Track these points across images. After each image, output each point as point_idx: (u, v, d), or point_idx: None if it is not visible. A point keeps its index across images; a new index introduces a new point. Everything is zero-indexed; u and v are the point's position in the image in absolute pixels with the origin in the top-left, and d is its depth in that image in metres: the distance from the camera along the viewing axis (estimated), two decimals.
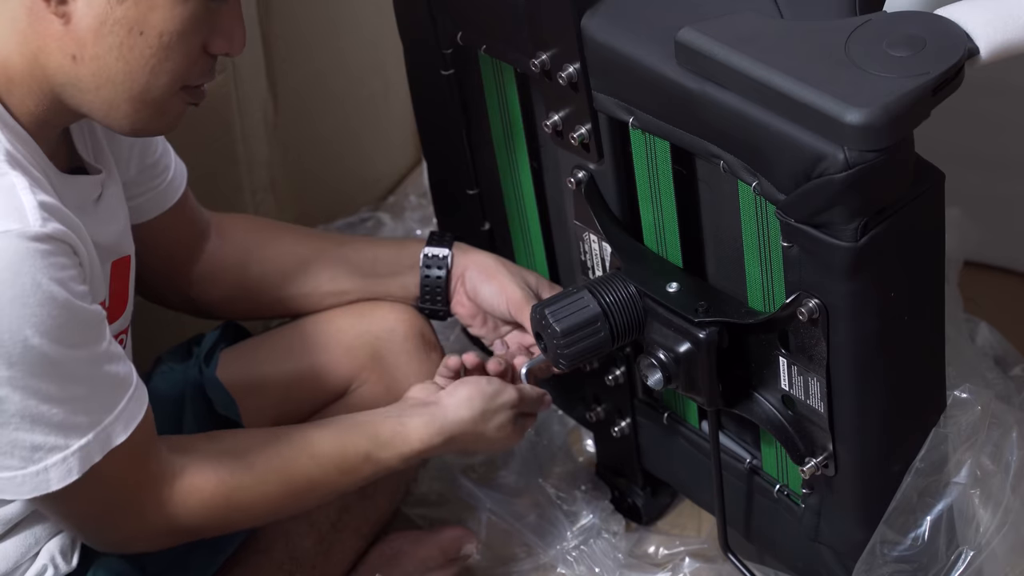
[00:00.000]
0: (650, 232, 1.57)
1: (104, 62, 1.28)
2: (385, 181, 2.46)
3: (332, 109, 2.30)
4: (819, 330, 1.39)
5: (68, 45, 1.28)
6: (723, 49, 1.33)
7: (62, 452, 1.29)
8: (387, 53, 1.98)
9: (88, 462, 1.31)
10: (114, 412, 1.32)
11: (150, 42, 1.28)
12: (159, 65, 1.30)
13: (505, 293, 1.67)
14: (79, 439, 1.30)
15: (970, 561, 1.44)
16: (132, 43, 1.28)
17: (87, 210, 1.40)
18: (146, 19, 1.27)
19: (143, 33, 1.28)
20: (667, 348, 1.50)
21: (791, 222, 1.35)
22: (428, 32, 1.67)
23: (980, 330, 1.88)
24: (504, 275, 1.68)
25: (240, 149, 2.07)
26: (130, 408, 1.34)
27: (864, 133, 1.25)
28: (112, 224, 1.45)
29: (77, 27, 1.27)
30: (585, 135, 1.52)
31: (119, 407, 1.33)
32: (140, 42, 1.28)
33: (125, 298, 1.49)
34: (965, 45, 1.29)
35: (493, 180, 1.76)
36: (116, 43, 1.27)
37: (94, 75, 1.29)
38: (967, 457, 1.46)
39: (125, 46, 1.28)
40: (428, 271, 1.70)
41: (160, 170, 1.60)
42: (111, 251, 1.44)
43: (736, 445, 1.64)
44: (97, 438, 1.31)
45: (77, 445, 1.30)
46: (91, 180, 1.42)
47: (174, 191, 1.62)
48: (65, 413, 1.29)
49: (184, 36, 1.29)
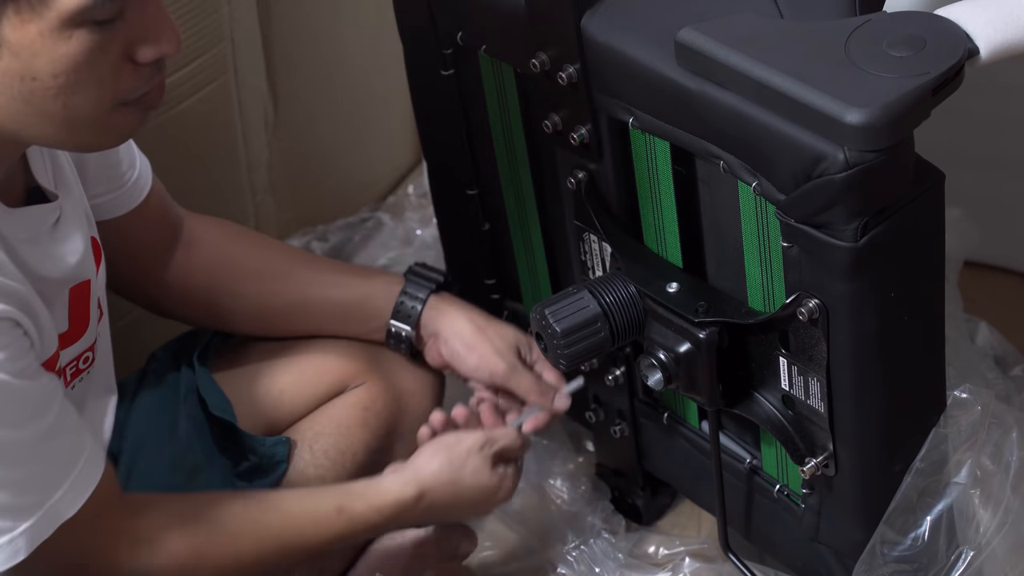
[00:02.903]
0: (650, 232, 1.57)
1: (12, 108, 1.22)
2: (385, 181, 2.46)
3: (332, 109, 2.30)
4: (819, 330, 1.39)
5: None
6: (723, 49, 1.33)
7: (9, 534, 1.27)
8: (387, 53, 1.97)
9: (36, 540, 1.29)
10: (62, 488, 1.30)
11: (47, 84, 1.19)
12: (71, 99, 1.21)
13: (488, 367, 1.66)
14: (26, 520, 1.28)
15: (970, 561, 1.44)
16: (31, 89, 1.19)
17: (41, 240, 1.36)
18: (32, 66, 1.18)
19: (35, 79, 1.19)
20: (667, 348, 1.50)
21: (791, 222, 1.35)
22: (428, 32, 1.67)
23: (980, 330, 1.88)
24: (484, 346, 1.66)
25: (240, 150, 2.07)
26: (82, 477, 1.31)
27: (864, 133, 1.25)
28: (69, 247, 1.40)
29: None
30: (585, 135, 1.52)
31: (67, 482, 1.30)
32: (38, 87, 1.19)
33: (86, 319, 1.45)
34: (965, 45, 1.30)
35: (493, 180, 1.76)
36: (15, 92, 1.20)
37: (11, 120, 1.23)
38: (967, 457, 1.46)
39: (26, 91, 1.20)
40: (395, 323, 1.69)
41: (124, 169, 1.55)
42: (68, 279, 1.40)
43: (736, 445, 1.64)
44: (45, 516, 1.29)
45: (24, 527, 1.28)
46: (46, 208, 1.37)
47: (139, 191, 1.57)
48: (9, 496, 1.26)
49: (84, 69, 1.19)
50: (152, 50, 1.23)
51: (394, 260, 2.27)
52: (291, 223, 2.25)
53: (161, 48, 1.23)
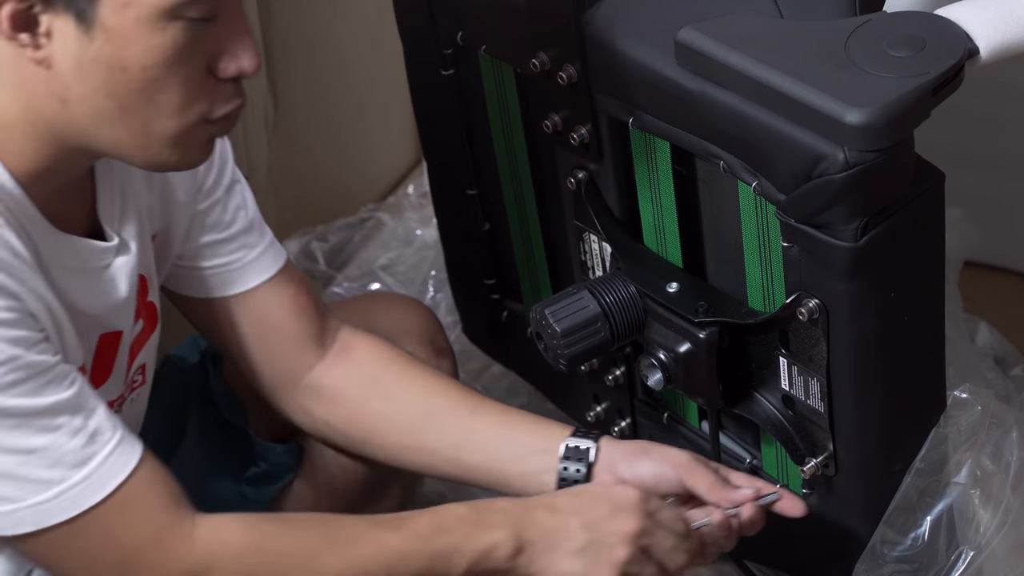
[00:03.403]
0: (650, 232, 1.57)
1: (93, 102, 1.22)
2: (385, 181, 2.46)
3: (332, 109, 2.30)
4: (819, 330, 1.39)
5: (55, 89, 1.22)
6: (723, 49, 1.33)
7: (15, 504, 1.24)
8: (387, 53, 1.97)
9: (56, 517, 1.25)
10: (88, 467, 1.26)
11: (134, 77, 1.20)
12: (152, 99, 1.22)
13: (669, 460, 1.45)
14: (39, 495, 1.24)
15: (970, 561, 1.44)
16: (116, 80, 1.20)
17: (85, 275, 1.34)
18: (124, 55, 1.19)
19: (124, 69, 1.20)
20: (667, 348, 1.50)
21: (791, 222, 1.35)
22: (428, 32, 1.67)
23: (980, 330, 1.88)
24: (658, 448, 1.48)
25: (241, 150, 2.07)
26: (111, 462, 1.27)
27: (864, 133, 1.25)
28: (110, 296, 1.38)
29: (58, 70, 1.21)
30: (585, 135, 1.52)
31: (95, 461, 1.26)
32: (124, 78, 1.20)
33: (108, 370, 1.41)
34: (965, 45, 1.30)
35: (493, 180, 1.76)
36: (100, 82, 1.21)
37: (87, 115, 1.23)
38: (967, 457, 1.46)
39: (110, 84, 1.21)
40: (567, 463, 1.47)
41: (237, 246, 1.50)
42: (98, 323, 1.37)
43: (736, 445, 1.64)
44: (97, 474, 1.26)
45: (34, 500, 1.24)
46: (100, 247, 1.36)
47: (259, 269, 1.51)
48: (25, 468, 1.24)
49: (172, 66, 1.20)
50: (233, 65, 1.24)
51: (394, 260, 2.27)
52: (291, 223, 2.25)
53: (241, 64, 1.24)
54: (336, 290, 2.24)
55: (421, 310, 1.73)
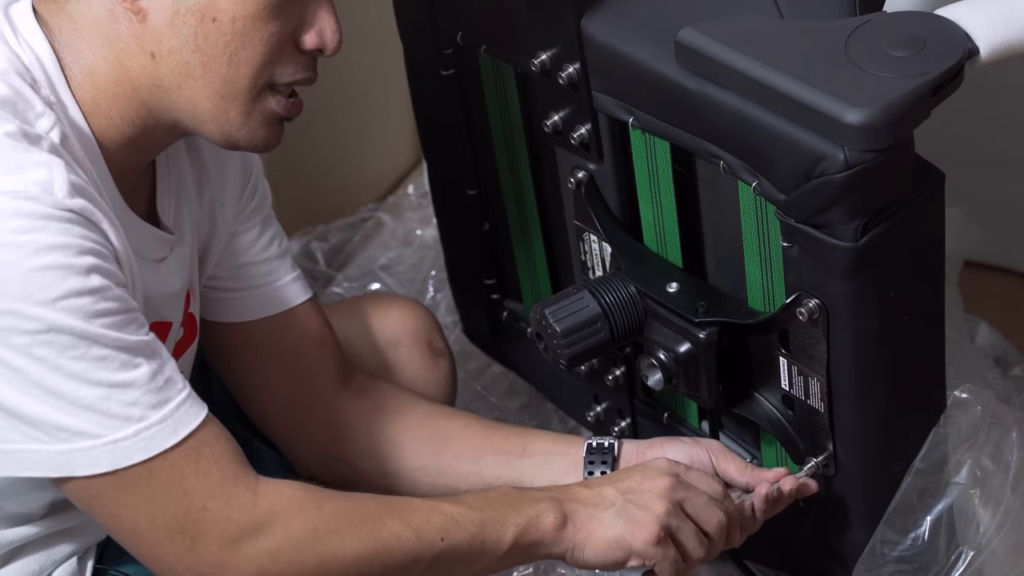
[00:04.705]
0: (650, 232, 1.57)
1: (181, 56, 1.28)
2: (385, 181, 2.46)
3: (332, 109, 2.30)
4: (819, 330, 1.39)
5: (147, 42, 1.28)
6: (723, 49, 1.33)
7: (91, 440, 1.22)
8: (387, 53, 1.97)
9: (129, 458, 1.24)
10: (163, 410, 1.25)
11: (224, 29, 1.27)
12: (236, 54, 1.28)
13: (699, 443, 1.50)
14: (114, 432, 1.23)
15: (970, 561, 1.44)
16: (206, 31, 1.27)
17: (146, 263, 1.36)
18: (217, 5, 1.26)
19: (215, 20, 1.26)
20: (667, 348, 1.50)
21: (791, 222, 1.35)
22: (428, 32, 1.67)
23: (980, 330, 1.88)
24: (686, 436, 1.55)
25: None
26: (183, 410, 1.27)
27: (864, 133, 1.25)
28: (164, 288, 1.40)
29: (152, 22, 1.27)
30: (585, 135, 1.52)
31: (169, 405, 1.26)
32: (214, 29, 1.27)
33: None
34: (965, 45, 1.30)
35: (493, 180, 1.76)
36: (190, 33, 1.27)
37: (173, 71, 1.28)
38: (967, 457, 1.46)
39: (199, 35, 1.27)
40: (592, 457, 1.53)
41: (268, 270, 1.54)
42: (152, 310, 1.38)
43: (736, 445, 1.64)
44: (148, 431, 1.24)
45: (111, 438, 1.23)
46: (162, 237, 1.39)
47: (289, 296, 1.54)
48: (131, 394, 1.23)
49: (260, 21, 1.27)
50: (316, 38, 1.31)
51: (394, 260, 2.27)
52: (291, 223, 2.25)
53: (324, 39, 1.32)
54: (336, 290, 2.24)
55: (418, 311, 1.73)
